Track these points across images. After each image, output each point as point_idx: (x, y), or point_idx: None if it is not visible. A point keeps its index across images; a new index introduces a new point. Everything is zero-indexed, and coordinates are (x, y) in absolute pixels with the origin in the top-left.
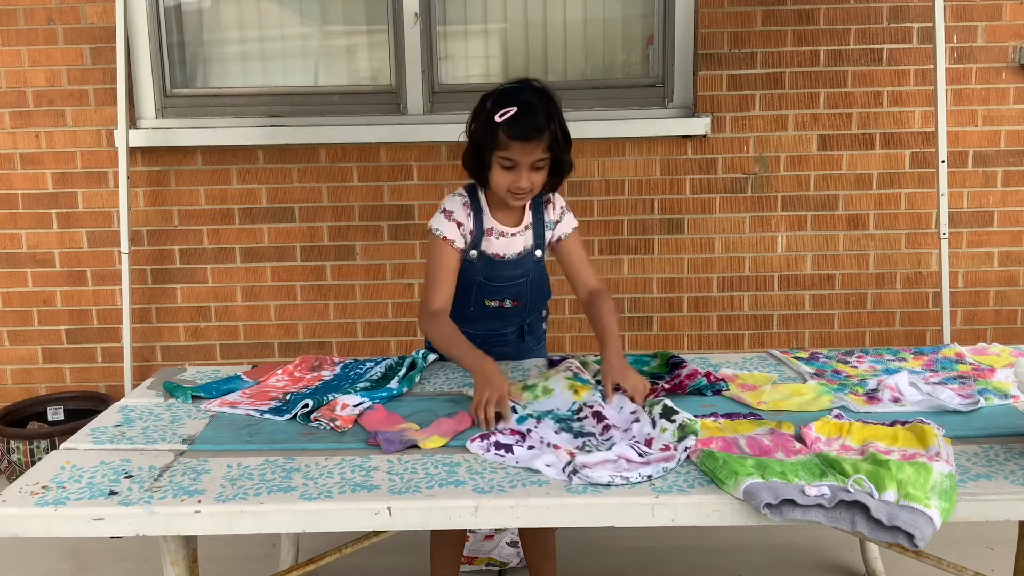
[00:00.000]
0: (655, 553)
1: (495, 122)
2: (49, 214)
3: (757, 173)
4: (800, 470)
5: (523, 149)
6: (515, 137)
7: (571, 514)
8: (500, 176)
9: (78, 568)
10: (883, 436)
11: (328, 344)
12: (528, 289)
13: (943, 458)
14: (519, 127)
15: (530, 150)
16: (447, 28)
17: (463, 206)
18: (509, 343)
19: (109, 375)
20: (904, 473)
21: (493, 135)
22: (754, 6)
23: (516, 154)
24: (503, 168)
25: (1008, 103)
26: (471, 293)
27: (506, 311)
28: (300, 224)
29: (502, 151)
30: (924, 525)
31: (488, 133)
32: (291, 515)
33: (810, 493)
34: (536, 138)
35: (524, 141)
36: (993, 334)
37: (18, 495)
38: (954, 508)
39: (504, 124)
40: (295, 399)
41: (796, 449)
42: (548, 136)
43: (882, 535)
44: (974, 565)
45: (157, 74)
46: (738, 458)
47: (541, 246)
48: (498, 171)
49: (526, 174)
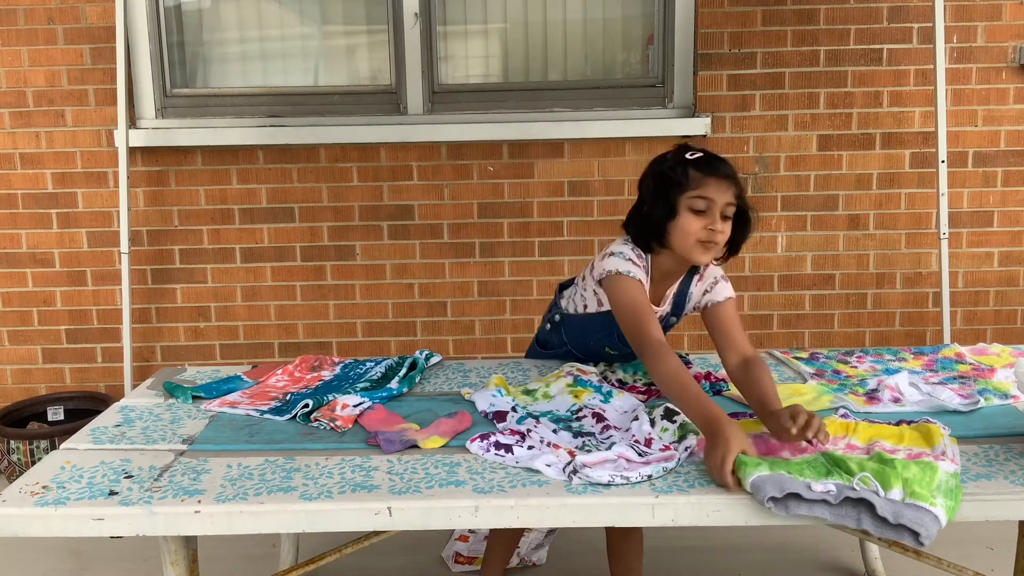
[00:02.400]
0: (655, 553)
1: (686, 160)
2: (49, 214)
3: (757, 173)
4: (806, 468)
5: (718, 187)
6: (710, 173)
7: (571, 514)
8: (690, 222)
9: (78, 568)
10: (889, 435)
11: (328, 344)
12: None
13: (948, 457)
14: (713, 163)
15: (724, 188)
16: (447, 28)
17: (643, 269)
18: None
19: (109, 375)
20: (910, 472)
21: (685, 174)
22: (754, 6)
23: (711, 191)
24: (694, 213)
25: (1008, 103)
26: (598, 337)
27: (623, 355)
28: (300, 224)
29: (694, 190)
30: (930, 523)
31: (678, 173)
32: (291, 515)
33: (816, 489)
34: (730, 175)
35: (719, 177)
36: (993, 334)
37: (18, 495)
38: (959, 507)
39: (696, 162)
40: (295, 399)
41: (802, 448)
42: (737, 181)
43: (887, 533)
44: (974, 565)
45: (157, 74)
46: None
47: (678, 315)
48: (688, 217)
49: (720, 220)
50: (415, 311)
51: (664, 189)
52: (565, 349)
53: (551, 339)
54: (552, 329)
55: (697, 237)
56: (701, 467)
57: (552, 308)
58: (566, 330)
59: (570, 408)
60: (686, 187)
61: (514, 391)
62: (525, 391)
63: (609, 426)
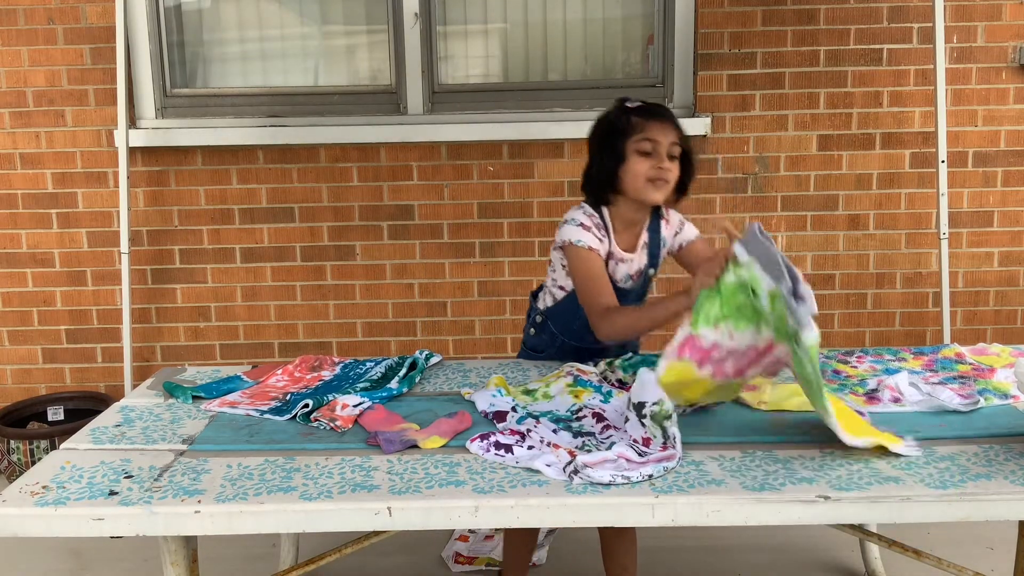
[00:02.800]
0: (655, 553)
1: (628, 109)
2: (49, 214)
3: (757, 173)
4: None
5: (661, 128)
6: (652, 117)
7: (571, 514)
8: (639, 164)
9: (78, 568)
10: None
11: (328, 344)
12: (636, 302)
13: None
14: (653, 108)
15: (667, 130)
16: (447, 28)
17: (597, 228)
18: (609, 353)
19: (109, 375)
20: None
21: (628, 121)
22: (754, 6)
23: (655, 133)
24: (641, 155)
25: (1008, 103)
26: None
27: None
28: (300, 224)
29: (639, 134)
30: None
31: (622, 121)
32: (291, 515)
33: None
34: (671, 119)
35: (661, 120)
36: (993, 334)
37: (18, 495)
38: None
39: (638, 109)
40: (295, 399)
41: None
42: (678, 125)
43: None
44: (974, 565)
45: (157, 74)
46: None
47: (655, 265)
48: (636, 161)
49: (666, 159)
50: (415, 311)
51: (611, 139)
52: (559, 343)
53: (541, 340)
54: (538, 331)
55: (647, 176)
56: (701, 467)
57: (531, 314)
58: (552, 323)
59: (570, 408)
60: (631, 132)
61: (514, 391)
62: (525, 391)
63: (609, 426)
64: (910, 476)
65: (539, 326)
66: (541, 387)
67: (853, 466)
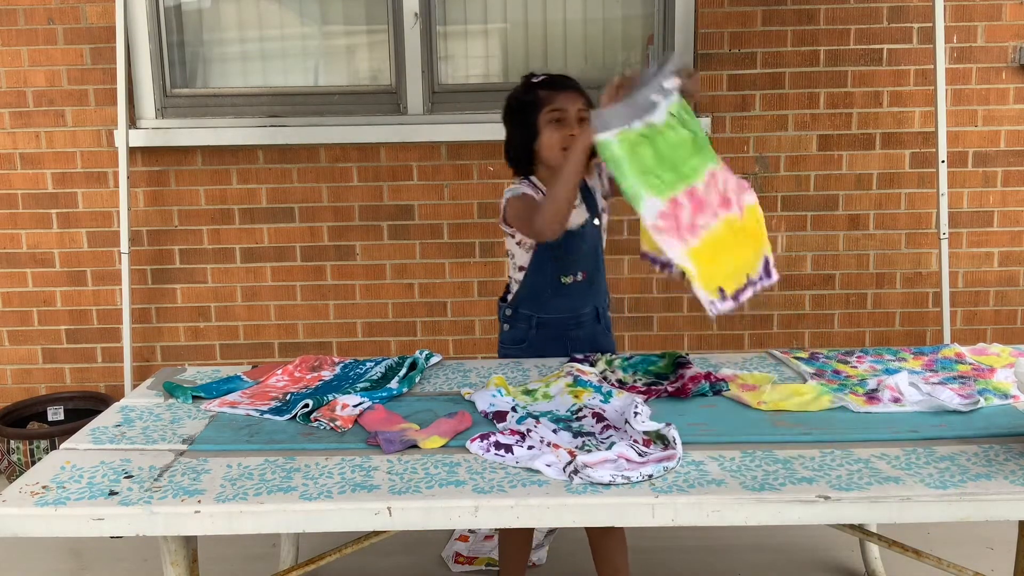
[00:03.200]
0: (655, 553)
1: (533, 84)
2: (49, 214)
3: (757, 173)
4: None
5: (567, 97)
6: (557, 88)
7: (571, 514)
8: (553, 134)
9: (78, 568)
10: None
11: (328, 344)
12: (593, 256)
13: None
14: (557, 80)
15: (574, 98)
16: (447, 28)
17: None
18: (585, 325)
19: (109, 375)
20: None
21: (535, 96)
22: (754, 6)
23: (562, 102)
24: (553, 124)
25: (1008, 103)
26: (547, 275)
27: (580, 287)
28: (300, 224)
29: (548, 106)
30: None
31: (530, 96)
32: (291, 515)
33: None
34: (575, 87)
35: (566, 90)
36: (993, 334)
37: (18, 495)
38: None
39: (543, 83)
40: (295, 399)
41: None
42: (583, 92)
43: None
44: (974, 565)
45: (157, 74)
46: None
47: (596, 214)
48: (549, 131)
49: (577, 125)
50: (415, 311)
51: (522, 115)
52: (536, 320)
53: (518, 330)
54: (512, 324)
55: (561, 144)
56: (701, 467)
57: (501, 317)
58: (524, 306)
59: (570, 408)
60: (540, 106)
61: (514, 391)
62: (525, 391)
63: (609, 426)
64: (910, 476)
65: (511, 319)
66: (541, 387)
67: (853, 466)
